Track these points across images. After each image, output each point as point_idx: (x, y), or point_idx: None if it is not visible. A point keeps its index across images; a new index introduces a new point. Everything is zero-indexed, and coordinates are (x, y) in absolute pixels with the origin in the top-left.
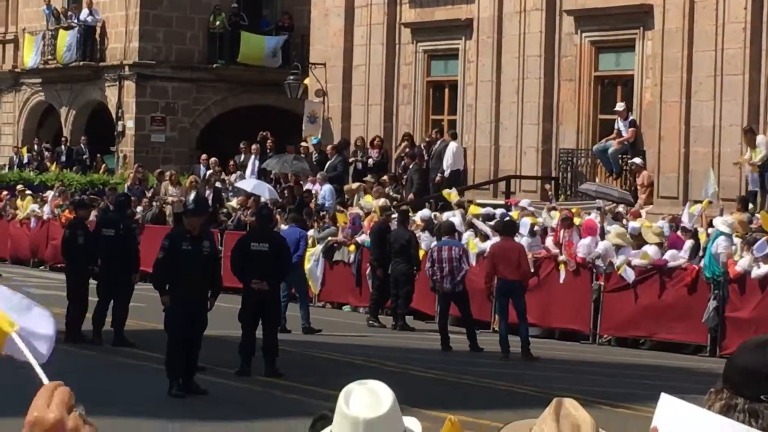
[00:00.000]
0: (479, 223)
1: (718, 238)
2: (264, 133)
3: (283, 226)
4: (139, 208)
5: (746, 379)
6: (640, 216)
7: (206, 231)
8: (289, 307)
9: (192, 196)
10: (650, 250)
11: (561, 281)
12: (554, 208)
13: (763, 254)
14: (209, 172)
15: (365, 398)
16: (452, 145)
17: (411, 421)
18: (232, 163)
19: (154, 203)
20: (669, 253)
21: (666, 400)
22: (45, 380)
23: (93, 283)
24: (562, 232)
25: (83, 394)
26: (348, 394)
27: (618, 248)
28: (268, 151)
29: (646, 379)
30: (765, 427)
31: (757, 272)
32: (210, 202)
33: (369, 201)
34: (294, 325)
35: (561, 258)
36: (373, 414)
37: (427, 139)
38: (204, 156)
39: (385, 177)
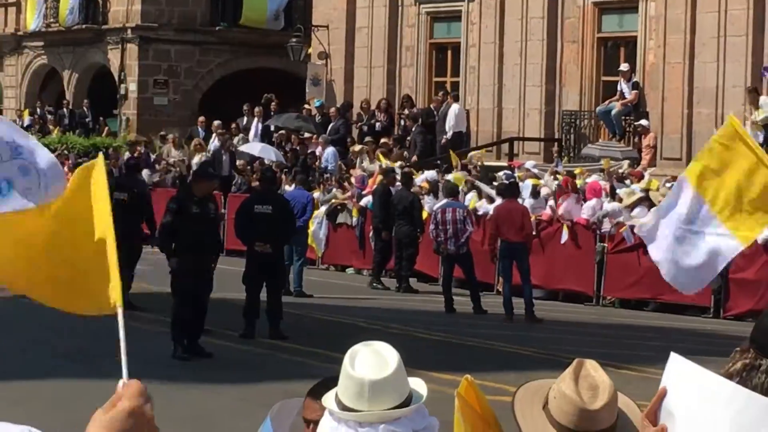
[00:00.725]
0: (483, 185)
1: None
2: (269, 95)
3: (288, 188)
4: (146, 171)
5: None
6: (643, 177)
7: (210, 194)
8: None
9: (196, 159)
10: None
11: (562, 242)
12: (557, 172)
13: None
14: (218, 136)
15: (371, 359)
16: (454, 107)
17: (416, 382)
18: (234, 125)
19: (157, 166)
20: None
21: (675, 360)
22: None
23: None
24: (561, 200)
25: (88, 358)
26: (353, 355)
27: (632, 208)
28: (272, 113)
29: (649, 341)
30: None
31: (762, 236)
32: (227, 166)
33: (382, 161)
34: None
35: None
36: (378, 375)
37: (432, 105)
38: (202, 119)
39: (385, 140)
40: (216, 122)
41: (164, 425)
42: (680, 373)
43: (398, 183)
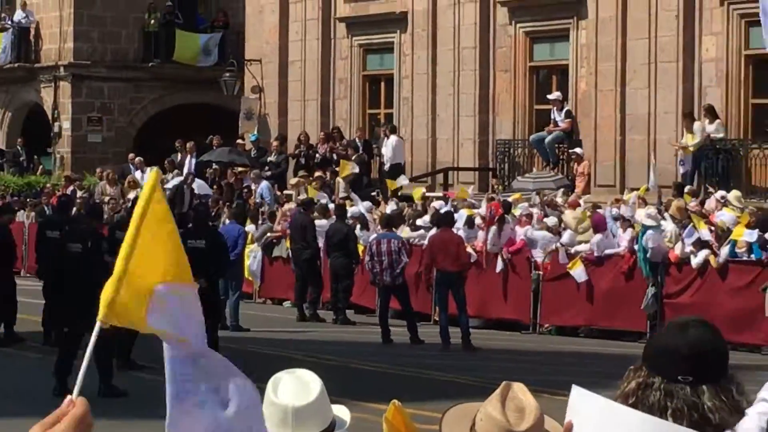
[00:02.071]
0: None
1: (645, 233)
2: (211, 137)
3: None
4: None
5: (664, 359)
6: (579, 205)
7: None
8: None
9: (131, 195)
10: (593, 239)
11: (497, 271)
12: (492, 199)
13: (693, 240)
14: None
15: (293, 386)
16: (392, 139)
17: (340, 409)
18: (167, 162)
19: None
20: (595, 239)
21: (577, 393)
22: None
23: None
24: (493, 228)
25: (22, 395)
26: (276, 382)
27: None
28: (214, 148)
29: (586, 367)
30: (680, 407)
31: (695, 260)
32: (188, 201)
33: (311, 193)
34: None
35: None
36: (302, 401)
37: (358, 135)
38: (132, 155)
39: (319, 173)
40: (137, 159)
41: None
42: (583, 405)
43: (333, 215)
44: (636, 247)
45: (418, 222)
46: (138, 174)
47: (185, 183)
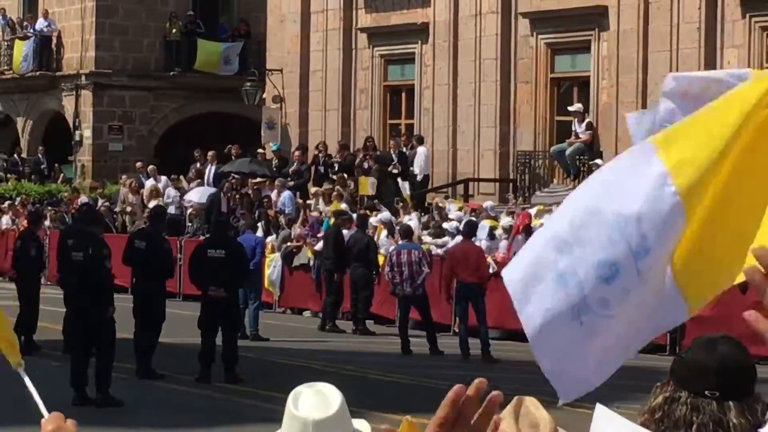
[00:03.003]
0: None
1: None
2: (230, 146)
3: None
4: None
5: (692, 374)
6: None
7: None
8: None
9: (152, 203)
10: None
11: None
12: (513, 212)
13: None
14: (172, 182)
15: (314, 400)
16: (421, 150)
17: (360, 423)
18: (193, 171)
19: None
20: None
21: (601, 413)
22: (45, 413)
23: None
24: (519, 237)
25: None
26: (297, 396)
27: None
28: (233, 158)
29: (606, 379)
30: (705, 423)
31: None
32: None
33: (336, 205)
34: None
35: None
36: (321, 415)
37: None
38: (139, 164)
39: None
40: (150, 167)
41: None
42: (608, 427)
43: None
44: None
45: (444, 225)
46: (150, 182)
47: (222, 191)
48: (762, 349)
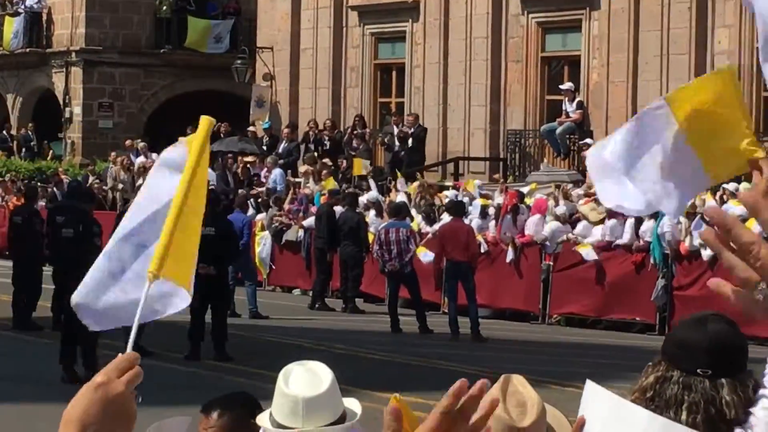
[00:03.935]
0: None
1: (663, 219)
2: (219, 124)
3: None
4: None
5: (683, 353)
6: (590, 196)
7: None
8: (236, 291)
9: (140, 181)
10: (608, 223)
11: (508, 261)
12: (507, 189)
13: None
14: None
15: (304, 378)
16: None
17: (351, 402)
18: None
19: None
20: (609, 223)
21: (591, 389)
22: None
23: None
24: (508, 217)
25: (30, 379)
26: (287, 374)
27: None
28: (222, 136)
29: (594, 358)
30: (696, 401)
31: (706, 252)
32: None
33: (330, 184)
34: (241, 310)
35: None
36: (312, 393)
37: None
38: (129, 142)
39: (326, 159)
40: (141, 144)
41: None
42: (596, 402)
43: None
44: (650, 237)
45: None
46: (140, 159)
47: (226, 168)
48: (754, 329)
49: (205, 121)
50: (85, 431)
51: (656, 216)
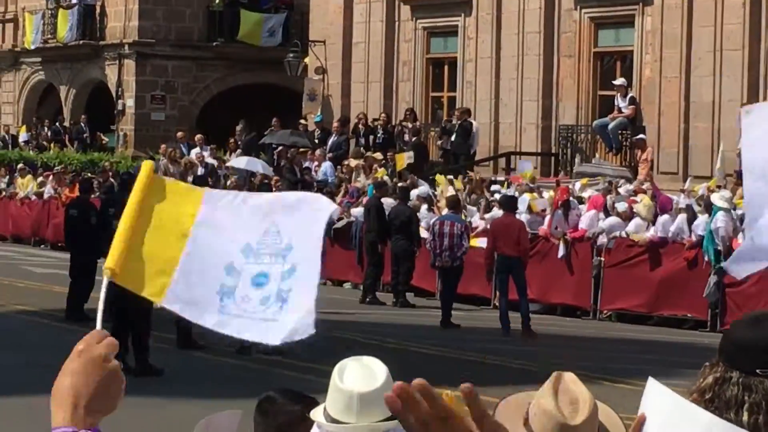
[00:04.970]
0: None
1: (717, 214)
2: (274, 122)
3: None
4: None
5: (742, 353)
6: (643, 192)
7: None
8: None
9: (191, 178)
10: (659, 219)
11: (559, 256)
12: (558, 183)
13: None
14: (211, 151)
15: (359, 372)
16: (476, 124)
17: None
18: (232, 141)
19: None
20: (661, 219)
21: (653, 387)
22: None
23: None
24: (558, 213)
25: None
26: (342, 369)
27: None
28: (273, 130)
29: (646, 354)
30: (758, 401)
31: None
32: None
33: (380, 174)
34: None
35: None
36: (367, 388)
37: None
38: (180, 134)
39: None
40: (179, 133)
41: None
42: (657, 400)
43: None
44: (703, 231)
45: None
46: (195, 151)
47: (293, 161)
48: None
49: (145, 166)
50: (79, 402)
51: (710, 211)
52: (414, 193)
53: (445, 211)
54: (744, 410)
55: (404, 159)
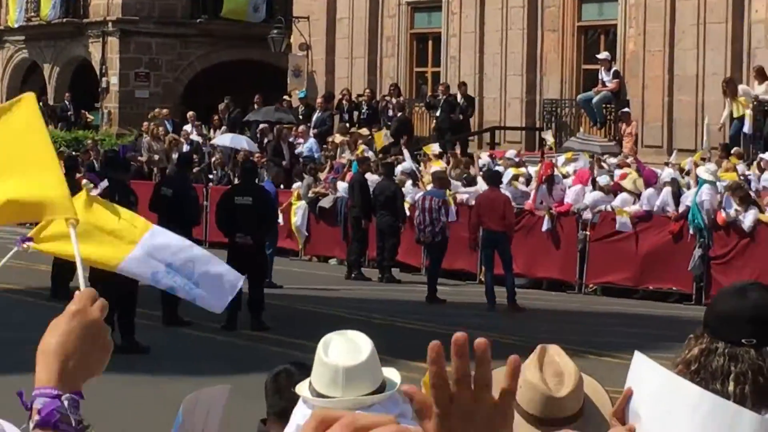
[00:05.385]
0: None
1: (702, 187)
2: (255, 99)
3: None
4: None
5: (727, 324)
6: (627, 166)
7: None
8: (275, 261)
9: (175, 155)
10: (644, 193)
11: (544, 229)
12: (543, 158)
13: (731, 210)
14: (195, 128)
15: (344, 347)
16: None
17: (390, 371)
18: (216, 118)
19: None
20: (646, 193)
21: (639, 360)
22: (83, 286)
23: None
24: (543, 187)
25: None
26: (327, 343)
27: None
28: (255, 107)
29: (632, 328)
30: (744, 371)
31: (746, 222)
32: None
33: (360, 151)
34: (279, 279)
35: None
36: (352, 362)
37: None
38: (165, 111)
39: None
40: (164, 110)
41: (146, 418)
42: (645, 374)
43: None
44: (689, 203)
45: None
46: (188, 128)
47: (281, 138)
48: None
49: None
50: (68, 362)
51: (696, 184)
52: (398, 168)
53: (429, 187)
54: (730, 380)
55: (382, 137)
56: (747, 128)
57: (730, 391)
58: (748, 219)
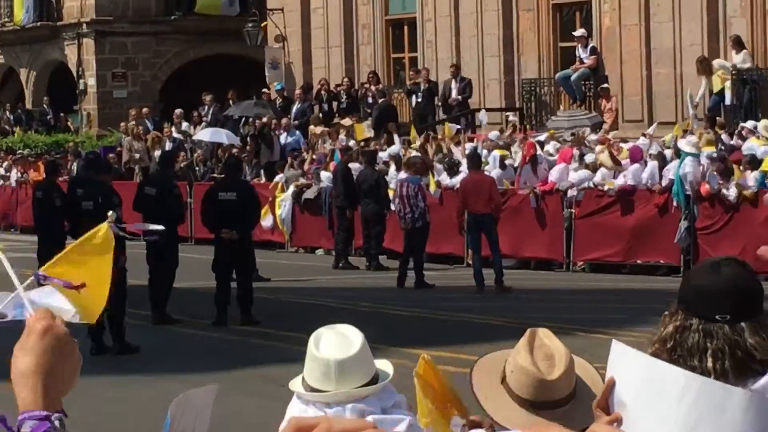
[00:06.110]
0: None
1: (685, 159)
2: (229, 94)
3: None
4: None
5: (701, 300)
6: (609, 141)
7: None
8: (262, 254)
9: (157, 153)
10: (630, 168)
11: (532, 207)
12: (525, 139)
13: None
14: (176, 125)
15: (335, 340)
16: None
17: (382, 363)
18: (195, 114)
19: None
20: (632, 168)
21: (618, 349)
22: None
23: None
24: (527, 167)
25: None
26: (318, 338)
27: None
28: (231, 102)
29: (620, 304)
30: (720, 347)
31: (730, 193)
32: (278, 149)
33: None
34: (266, 273)
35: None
36: (344, 355)
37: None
38: (146, 110)
39: (347, 118)
40: (144, 110)
41: (140, 417)
42: (625, 362)
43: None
44: (672, 176)
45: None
46: (183, 126)
47: (270, 129)
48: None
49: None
50: (49, 381)
51: (679, 156)
52: (382, 155)
53: (402, 174)
54: (708, 356)
55: (364, 130)
56: (728, 100)
57: (709, 368)
58: (732, 191)
